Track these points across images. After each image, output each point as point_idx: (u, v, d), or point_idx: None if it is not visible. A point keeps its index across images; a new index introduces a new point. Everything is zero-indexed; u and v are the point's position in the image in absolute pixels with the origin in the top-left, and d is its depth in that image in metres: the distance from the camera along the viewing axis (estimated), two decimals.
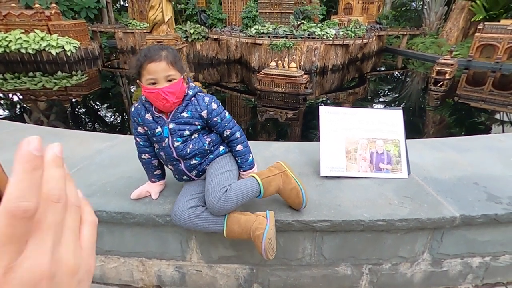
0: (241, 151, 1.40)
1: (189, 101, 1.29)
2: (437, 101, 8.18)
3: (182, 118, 1.27)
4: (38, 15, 10.25)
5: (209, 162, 1.37)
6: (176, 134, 1.28)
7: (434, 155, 2.01)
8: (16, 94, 7.98)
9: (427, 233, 1.46)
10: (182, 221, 1.27)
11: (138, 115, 1.31)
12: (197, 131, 1.31)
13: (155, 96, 1.19)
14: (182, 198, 1.32)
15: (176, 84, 1.20)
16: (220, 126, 1.34)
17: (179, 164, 1.35)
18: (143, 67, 1.18)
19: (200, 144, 1.31)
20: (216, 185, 1.23)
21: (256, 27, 10.86)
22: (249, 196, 1.26)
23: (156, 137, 1.30)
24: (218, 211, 1.22)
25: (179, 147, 1.29)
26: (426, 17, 16.39)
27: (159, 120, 1.28)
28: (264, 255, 1.20)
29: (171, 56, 1.19)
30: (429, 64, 12.37)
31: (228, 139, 1.38)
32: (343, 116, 1.80)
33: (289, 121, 6.54)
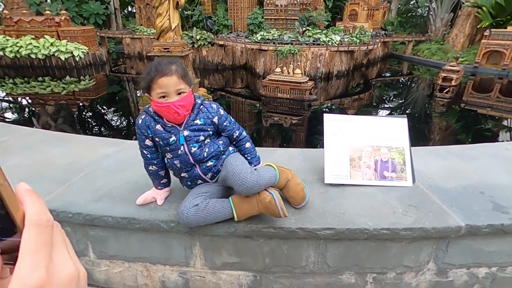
0: (249, 148, 1.48)
1: (198, 109, 1.34)
2: (443, 107, 8.13)
3: (196, 125, 1.32)
4: (48, 21, 10.47)
5: (222, 162, 1.41)
6: (192, 141, 1.31)
7: (439, 163, 2.00)
8: (25, 98, 8.12)
9: (432, 242, 1.45)
10: (190, 218, 1.29)
11: (147, 127, 1.32)
12: (210, 136, 1.37)
13: (166, 110, 1.21)
14: (187, 198, 1.36)
15: (187, 97, 1.24)
16: (230, 128, 1.42)
17: (195, 169, 1.37)
18: (154, 81, 1.20)
19: (216, 146, 1.37)
20: (243, 166, 1.31)
21: (261, 33, 10.94)
22: (271, 179, 1.33)
23: (170, 146, 1.32)
24: (251, 186, 1.24)
25: (196, 152, 1.33)
26: (432, 23, 16.37)
27: (171, 129, 1.30)
28: (281, 214, 1.27)
29: (180, 70, 1.23)
30: (435, 71, 12.31)
31: (237, 140, 1.46)
32: (347, 123, 1.81)
33: (293, 126, 6.54)
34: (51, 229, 0.30)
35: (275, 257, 1.51)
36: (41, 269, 0.27)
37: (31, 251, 0.27)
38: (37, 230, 0.28)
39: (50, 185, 1.67)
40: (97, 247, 1.59)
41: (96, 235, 1.55)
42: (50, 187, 1.66)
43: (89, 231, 1.54)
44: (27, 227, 0.28)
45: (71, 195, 1.60)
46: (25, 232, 0.28)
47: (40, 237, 0.28)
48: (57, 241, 0.30)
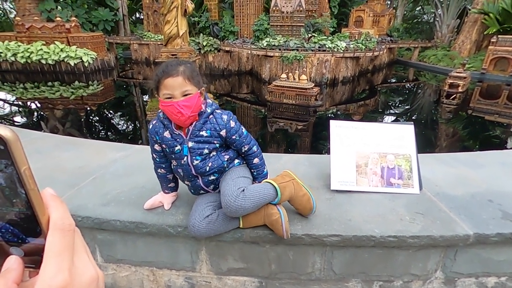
0: (257, 164, 1.44)
1: (207, 118, 1.30)
2: (450, 114, 8.06)
3: (201, 137, 1.29)
4: (59, 27, 10.67)
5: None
6: (196, 153, 1.30)
7: (446, 171, 1.99)
8: (35, 103, 8.26)
9: (440, 250, 1.44)
10: (202, 231, 1.30)
11: (156, 133, 1.34)
12: (216, 149, 1.34)
13: (170, 109, 1.21)
14: (197, 208, 1.35)
15: (192, 98, 1.22)
16: (239, 143, 1.37)
17: (197, 180, 1.38)
18: (161, 82, 1.21)
19: (219, 162, 1.35)
20: (232, 186, 1.27)
21: (267, 40, 11.01)
22: (265, 198, 1.29)
23: (175, 155, 1.33)
24: (235, 210, 1.23)
25: (198, 165, 1.32)
26: (438, 30, 16.32)
27: (177, 138, 1.30)
28: (285, 235, 1.30)
29: (188, 71, 1.21)
30: (441, 77, 12.22)
31: (245, 154, 1.42)
32: (353, 130, 1.81)
33: (299, 132, 6.55)
34: (73, 233, 0.31)
35: (281, 263, 1.51)
36: (64, 272, 0.28)
37: (55, 254, 0.29)
38: (61, 234, 0.29)
39: (60, 189, 1.70)
40: (105, 250, 1.61)
41: (104, 239, 1.57)
42: (60, 190, 1.68)
43: (97, 234, 1.56)
44: (52, 231, 0.29)
45: (80, 199, 1.63)
46: (49, 236, 0.29)
47: (63, 241, 0.29)
48: (78, 245, 0.32)
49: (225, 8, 14.23)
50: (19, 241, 0.30)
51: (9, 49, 10.15)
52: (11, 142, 0.26)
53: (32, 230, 0.30)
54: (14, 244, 0.30)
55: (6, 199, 0.29)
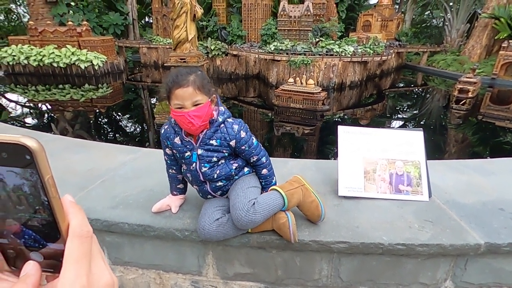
0: (266, 175, 1.44)
1: (218, 127, 1.30)
2: (459, 119, 7.95)
3: (211, 145, 1.30)
4: (71, 31, 10.90)
5: (233, 182, 1.41)
6: (204, 160, 1.31)
7: (456, 178, 1.96)
8: (46, 105, 8.42)
9: (449, 259, 1.42)
10: (212, 234, 1.31)
11: (167, 138, 1.35)
12: (224, 157, 1.35)
13: (181, 119, 1.22)
14: (206, 212, 1.36)
15: (202, 108, 1.21)
16: (248, 153, 1.37)
17: (204, 186, 1.39)
18: (171, 92, 1.21)
19: (227, 170, 1.35)
20: (243, 198, 1.27)
21: (275, 44, 11.06)
22: (274, 209, 1.30)
23: (184, 160, 1.35)
24: (245, 224, 1.25)
25: (207, 172, 1.33)
26: (447, 34, 16.18)
27: (188, 144, 1.32)
28: (292, 239, 1.31)
29: (198, 80, 1.21)
30: (451, 82, 12.09)
31: (254, 164, 1.42)
32: (362, 136, 1.80)
33: (305, 136, 6.53)
34: (91, 240, 0.32)
35: (287, 269, 1.50)
36: (82, 278, 0.29)
37: (74, 260, 0.30)
38: (79, 240, 0.30)
39: (70, 191, 1.72)
40: (113, 253, 1.62)
41: (112, 241, 1.58)
42: (70, 193, 1.70)
43: (105, 237, 1.57)
44: (71, 237, 0.30)
45: (90, 201, 1.65)
46: (68, 242, 0.30)
47: (82, 247, 0.30)
48: (95, 251, 0.33)
49: (233, 12, 14.36)
50: (39, 246, 0.31)
51: (22, 52, 10.40)
52: (37, 153, 0.28)
53: (52, 236, 0.31)
54: (34, 249, 0.31)
55: (29, 206, 0.30)
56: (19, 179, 0.29)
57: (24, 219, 0.30)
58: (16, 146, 0.27)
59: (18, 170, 0.28)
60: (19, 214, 0.30)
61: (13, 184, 0.29)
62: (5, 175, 0.28)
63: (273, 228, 1.36)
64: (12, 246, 0.31)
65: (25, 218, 0.30)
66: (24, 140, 0.27)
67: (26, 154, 0.27)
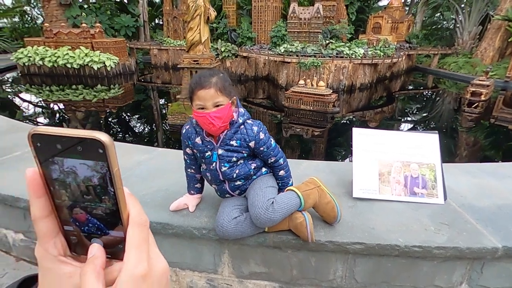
0: (283, 176, 1.47)
1: (238, 128, 1.34)
2: (471, 123, 7.83)
3: (231, 146, 1.34)
4: (84, 33, 11.12)
5: (251, 181, 1.44)
6: (224, 160, 1.35)
7: (471, 181, 1.95)
8: (58, 105, 8.60)
9: (466, 263, 1.42)
10: (230, 232, 1.33)
11: (188, 138, 1.39)
12: (243, 158, 1.39)
13: (202, 119, 1.26)
14: (224, 210, 1.39)
15: (223, 109, 1.25)
16: (266, 154, 1.40)
17: (223, 185, 1.43)
18: (194, 93, 1.25)
19: (246, 169, 1.39)
20: (262, 197, 1.30)
21: (285, 46, 11.08)
22: (292, 209, 1.33)
23: (205, 159, 1.38)
24: (264, 222, 1.28)
25: (226, 172, 1.37)
26: (459, 36, 15.94)
27: (208, 144, 1.35)
28: (310, 239, 1.33)
29: (220, 82, 1.24)
30: (462, 84, 11.91)
31: (271, 165, 1.46)
32: (376, 138, 1.81)
33: (316, 138, 6.53)
34: (148, 228, 0.35)
35: (302, 269, 1.52)
36: (144, 262, 0.32)
37: (135, 245, 0.32)
38: (139, 228, 0.33)
39: None
40: None
41: None
42: None
43: None
44: (131, 225, 0.33)
45: None
46: (129, 229, 0.33)
47: (141, 234, 0.33)
48: (151, 239, 0.35)
49: (243, 14, 14.44)
50: (100, 234, 0.34)
51: (38, 53, 10.65)
52: (109, 147, 0.30)
53: (113, 224, 0.34)
54: (96, 236, 0.34)
55: (96, 196, 0.33)
56: (90, 171, 0.31)
57: (90, 208, 0.33)
58: (91, 141, 0.30)
59: (91, 163, 0.31)
60: (86, 203, 0.33)
61: (84, 176, 0.31)
62: (77, 167, 0.31)
63: (290, 228, 1.39)
64: (75, 233, 0.34)
65: (91, 207, 0.33)
66: (98, 135, 0.30)
67: (99, 148, 0.30)
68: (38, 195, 0.32)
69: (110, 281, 0.33)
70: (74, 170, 0.31)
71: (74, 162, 0.31)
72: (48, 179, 0.32)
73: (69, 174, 0.31)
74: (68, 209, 0.33)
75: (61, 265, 0.34)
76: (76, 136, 0.30)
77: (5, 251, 2.03)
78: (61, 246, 0.34)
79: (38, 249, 0.33)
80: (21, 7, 15.88)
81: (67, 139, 0.30)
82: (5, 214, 1.90)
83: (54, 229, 0.33)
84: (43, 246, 0.33)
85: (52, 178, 0.32)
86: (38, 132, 0.30)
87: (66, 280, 0.33)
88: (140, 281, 0.31)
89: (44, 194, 0.32)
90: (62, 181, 0.32)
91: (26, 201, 1.71)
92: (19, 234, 1.92)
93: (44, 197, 0.32)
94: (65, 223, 0.34)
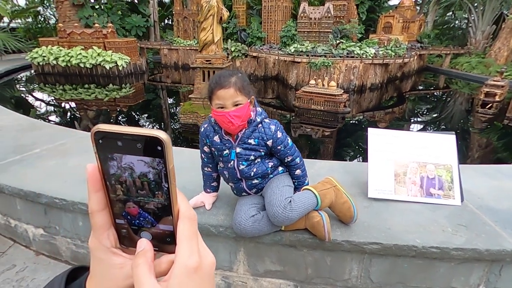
0: (299, 175, 1.48)
1: (255, 127, 1.36)
2: (485, 124, 7.68)
3: (249, 144, 1.36)
4: (97, 33, 11.30)
5: (268, 180, 1.45)
6: (242, 158, 1.37)
7: (488, 183, 1.93)
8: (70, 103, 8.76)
9: (484, 265, 1.40)
10: (248, 229, 1.35)
11: (207, 136, 1.42)
12: (260, 156, 1.40)
13: (222, 118, 1.28)
14: (241, 208, 1.41)
15: (242, 108, 1.27)
16: (283, 153, 1.42)
17: (240, 183, 1.45)
18: (214, 92, 1.28)
19: (264, 168, 1.41)
20: (279, 196, 1.32)
21: (295, 46, 11.05)
22: (309, 208, 1.34)
23: (223, 158, 1.41)
24: (282, 221, 1.29)
25: (244, 170, 1.39)
26: (472, 36, 15.63)
27: (227, 143, 1.38)
28: (327, 238, 1.33)
29: (239, 82, 1.27)
30: (475, 85, 11.68)
31: (288, 164, 1.47)
32: (392, 138, 1.81)
33: (327, 138, 6.51)
34: (196, 222, 0.36)
35: (317, 268, 1.53)
36: (195, 254, 0.34)
37: (187, 238, 0.34)
38: (189, 222, 0.34)
39: None
40: None
41: None
42: None
43: None
44: (182, 219, 0.35)
45: None
46: (180, 223, 0.34)
47: (192, 228, 0.34)
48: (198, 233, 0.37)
49: (253, 14, 14.45)
50: (150, 227, 0.36)
51: (52, 53, 10.86)
52: (167, 144, 0.32)
53: (163, 218, 0.36)
54: (145, 229, 0.36)
55: (150, 191, 0.34)
56: (147, 167, 0.32)
57: (143, 202, 0.34)
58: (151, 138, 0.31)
59: (148, 159, 0.32)
60: (139, 198, 0.34)
61: (140, 172, 0.33)
62: (135, 163, 0.32)
63: (306, 227, 1.40)
64: (125, 227, 0.36)
65: (144, 202, 0.34)
66: (158, 133, 0.31)
67: (158, 145, 0.31)
68: (96, 190, 0.34)
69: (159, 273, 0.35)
70: (132, 166, 0.32)
71: (132, 159, 0.32)
72: (106, 174, 0.33)
73: (126, 170, 0.33)
74: (121, 203, 0.35)
75: (113, 256, 0.35)
76: (137, 134, 0.31)
77: (25, 245, 2.09)
78: (113, 238, 0.36)
79: (92, 240, 0.35)
80: (34, 8, 16.20)
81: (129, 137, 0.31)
82: (26, 210, 1.96)
83: (108, 222, 0.35)
84: (97, 237, 0.35)
85: (110, 173, 0.33)
86: (101, 130, 0.31)
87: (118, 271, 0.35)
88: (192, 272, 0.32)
89: (101, 188, 0.34)
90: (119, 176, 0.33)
91: (47, 197, 1.76)
92: (39, 229, 1.98)
93: (101, 191, 0.34)
94: (116, 216, 0.35)
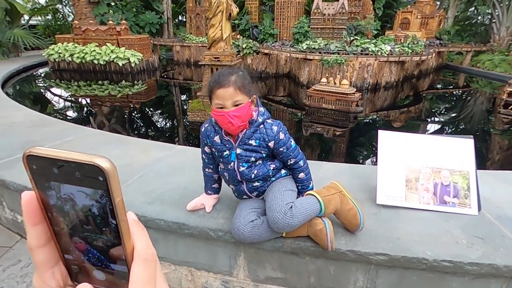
0: (303, 179, 1.41)
1: (257, 128, 1.30)
2: (507, 125, 7.34)
3: (249, 145, 1.30)
4: (111, 30, 11.46)
5: (270, 183, 1.39)
6: (243, 160, 1.31)
7: (509, 191, 1.80)
8: (85, 99, 8.93)
9: (501, 281, 1.30)
10: (246, 236, 1.30)
11: (207, 136, 1.37)
12: (262, 158, 1.34)
13: (221, 118, 1.23)
14: (241, 212, 1.35)
15: (242, 108, 1.22)
16: (285, 155, 1.35)
17: (241, 185, 1.39)
18: (213, 92, 1.23)
19: (265, 170, 1.34)
20: (280, 201, 1.25)
21: (307, 43, 10.87)
22: (311, 214, 1.27)
23: (223, 159, 1.35)
24: (282, 227, 1.23)
25: (244, 172, 1.33)
26: (495, 33, 14.97)
27: (227, 143, 1.32)
28: (329, 247, 1.26)
29: (239, 80, 1.21)
30: (497, 84, 11.20)
31: (291, 167, 1.40)
32: (404, 141, 1.70)
33: (337, 138, 6.37)
34: (155, 263, 0.31)
35: (320, 277, 1.46)
36: None
37: (140, 284, 0.29)
38: (145, 264, 0.30)
39: None
40: None
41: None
42: None
43: None
44: (136, 260, 0.30)
45: (128, 195, 1.71)
46: (134, 265, 0.29)
47: (148, 271, 0.30)
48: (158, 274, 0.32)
49: (266, 11, 14.31)
50: (103, 266, 0.31)
51: (67, 50, 11.09)
52: (110, 174, 0.27)
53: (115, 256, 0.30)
54: (98, 267, 0.31)
55: (96, 227, 0.29)
56: (89, 200, 0.28)
57: (90, 238, 0.30)
58: (90, 167, 0.26)
59: (89, 191, 0.28)
60: (85, 234, 0.30)
61: (83, 204, 0.28)
62: (75, 195, 0.28)
63: (308, 234, 1.33)
64: (76, 262, 0.31)
65: (91, 238, 0.30)
66: (98, 161, 0.26)
67: (100, 175, 0.27)
68: (34, 223, 0.29)
69: None
70: (72, 197, 0.28)
71: (71, 189, 0.28)
72: (46, 204, 0.29)
73: (67, 202, 0.28)
74: (67, 237, 0.30)
75: None
76: (73, 161, 0.27)
77: None
78: (60, 276, 0.31)
79: (36, 279, 0.31)
80: (53, 5, 16.59)
81: (64, 164, 0.27)
82: None
83: (52, 258, 0.31)
84: (40, 276, 0.30)
85: (50, 204, 0.29)
86: (34, 154, 0.27)
87: None
88: None
89: (41, 221, 0.29)
90: (60, 208, 0.29)
91: None
92: None
93: (41, 224, 0.29)
94: (65, 251, 0.31)
